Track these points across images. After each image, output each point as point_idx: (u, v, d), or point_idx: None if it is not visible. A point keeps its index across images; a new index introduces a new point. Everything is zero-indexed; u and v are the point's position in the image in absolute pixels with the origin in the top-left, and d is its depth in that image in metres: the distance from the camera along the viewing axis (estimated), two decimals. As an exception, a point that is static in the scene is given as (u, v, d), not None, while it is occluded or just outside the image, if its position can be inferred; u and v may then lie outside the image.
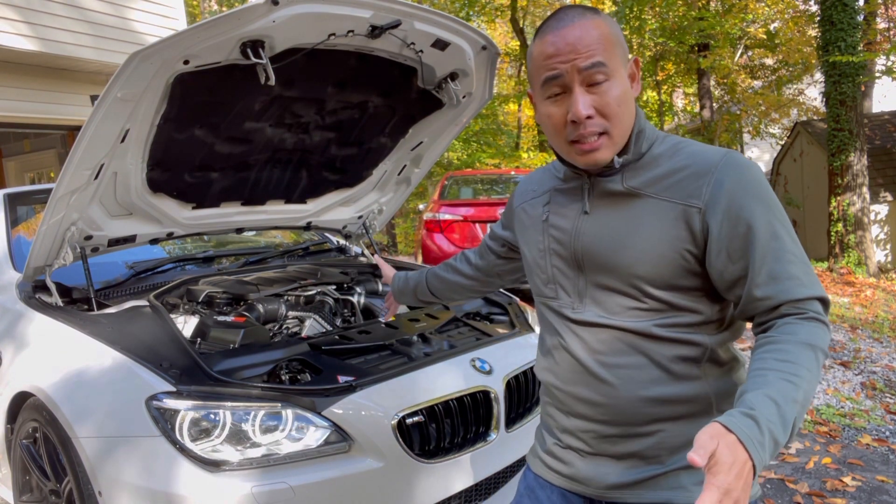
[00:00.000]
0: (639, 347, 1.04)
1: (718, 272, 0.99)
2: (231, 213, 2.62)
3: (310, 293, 2.61)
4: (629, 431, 1.06)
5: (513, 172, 8.16)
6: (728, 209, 0.97)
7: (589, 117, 0.99)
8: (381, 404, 1.78)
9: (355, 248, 3.31)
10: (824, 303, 0.97)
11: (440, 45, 2.14)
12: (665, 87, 15.70)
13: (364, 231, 3.11)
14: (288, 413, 1.68)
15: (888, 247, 10.04)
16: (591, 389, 1.08)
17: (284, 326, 2.42)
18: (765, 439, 0.79)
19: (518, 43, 15.20)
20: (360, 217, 3.05)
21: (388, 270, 1.88)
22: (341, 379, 1.84)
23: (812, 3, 12.62)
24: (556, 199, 1.16)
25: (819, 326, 0.94)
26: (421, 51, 2.15)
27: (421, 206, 8.58)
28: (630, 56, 1.06)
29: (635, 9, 12.75)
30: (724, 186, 0.98)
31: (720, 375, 1.06)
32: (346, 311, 2.63)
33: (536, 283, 1.19)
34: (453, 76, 2.32)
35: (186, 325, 2.21)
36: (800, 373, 0.87)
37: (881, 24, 13.68)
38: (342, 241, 3.37)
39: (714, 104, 13.65)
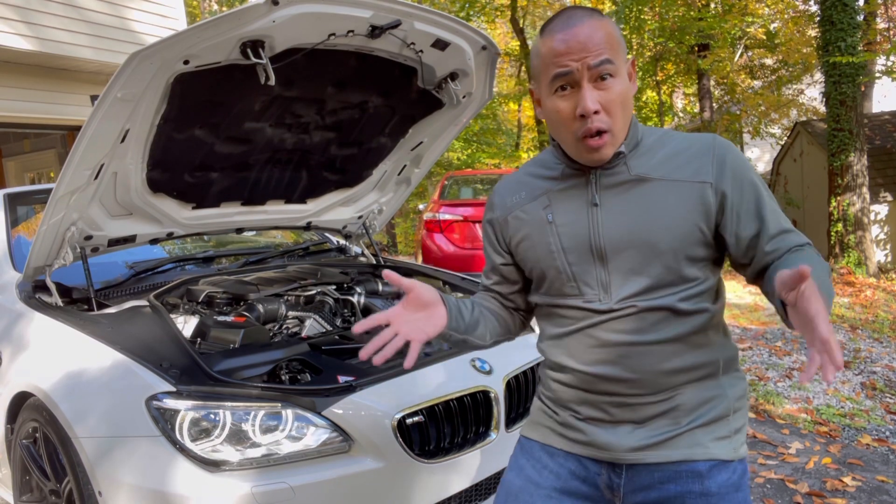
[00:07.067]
0: (664, 323, 1.11)
1: (736, 235, 1.11)
2: (231, 213, 2.61)
3: (310, 293, 2.61)
4: (650, 399, 1.13)
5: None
6: (734, 179, 1.10)
7: (596, 112, 1.06)
8: (380, 404, 1.78)
9: (355, 248, 3.31)
10: (812, 247, 1.12)
11: (440, 45, 2.14)
12: (665, 87, 15.68)
13: (364, 231, 3.11)
14: (288, 413, 1.68)
15: (888, 247, 10.03)
16: (618, 368, 1.12)
17: (284, 326, 2.42)
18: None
19: (518, 43, 15.18)
20: (360, 217, 3.05)
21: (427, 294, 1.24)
22: (341, 379, 1.84)
23: (812, 3, 12.62)
24: (556, 199, 1.18)
25: (817, 254, 1.08)
26: (421, 51, 2.15)
27: (421, 206, 8.58)
28: (628, 56, 1.14)
29: (635, 9, 12.74)
30: (727, 161, 1.11)
31: (723, 339, 1.18)
32: (346, 311, 2.62)
33: (554, 286, 1.19)
34: (453, 76, 2.32)
35: (186, 325, 2.20)
36: (814, 262, 1.01)
37: (881, 24, 13.66)
38: (342, 241, 3.36)
39: (714, 104, 13.64)
